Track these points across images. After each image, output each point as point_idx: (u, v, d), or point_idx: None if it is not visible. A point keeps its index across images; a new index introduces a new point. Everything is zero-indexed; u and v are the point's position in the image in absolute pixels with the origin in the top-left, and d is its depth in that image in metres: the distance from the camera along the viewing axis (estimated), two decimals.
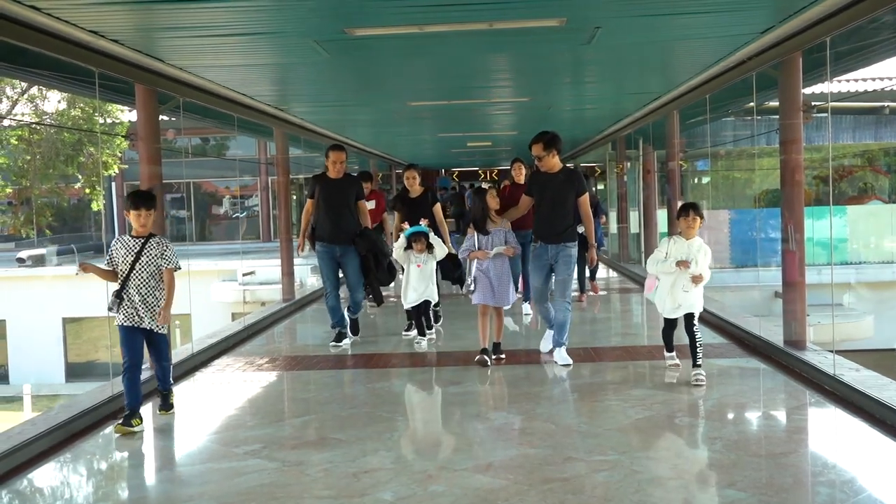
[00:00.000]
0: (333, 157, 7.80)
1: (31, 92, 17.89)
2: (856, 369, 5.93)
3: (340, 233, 7.76)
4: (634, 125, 13.09)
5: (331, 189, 7.80)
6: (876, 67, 13.47)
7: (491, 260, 6.76)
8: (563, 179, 6.70)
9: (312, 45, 6.34)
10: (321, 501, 3.96)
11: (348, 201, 7.81)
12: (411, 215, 8.17)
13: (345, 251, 7.78)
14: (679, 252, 6.08)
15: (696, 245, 6.10)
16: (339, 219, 7.74)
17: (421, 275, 7.81)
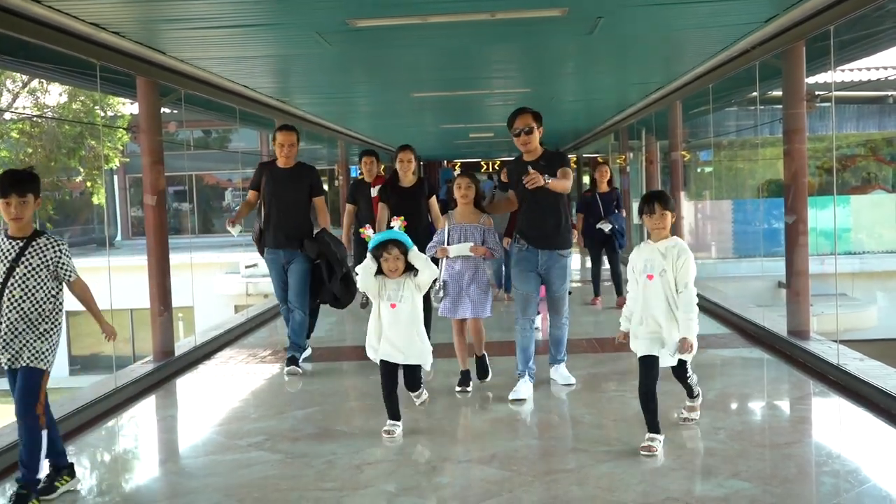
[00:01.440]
0: (281, 138, 6.35)
1: (32, 85, 17.87)
2: (860, 359, 5.92)
3: (289, 235, 6.41)
4: (637, 115, 13.06)
5: (279, 180, 6.41)
6: (880, 56, 13.42)
7: (462, 261, 5.57)
8: (545, 166, 5.40)
9: (315, 37, 6.32)
10: (325, 493, 3.96)
11: (301, 196, 6.44)
12: (402, 210, 6.22)
13: (292, 257, 6.46)
14: (643, 263, 4.41)
15: (669, 250, 4.35)
16: (289, 218, 6.40)
17: (397, 320, 4.70)
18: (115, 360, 6.75)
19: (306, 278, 6.50)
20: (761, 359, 6.68)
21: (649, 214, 4.38)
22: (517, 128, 5.52)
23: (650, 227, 4.41)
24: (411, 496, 3.86)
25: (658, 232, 4.39)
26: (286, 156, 6.39)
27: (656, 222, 4.37)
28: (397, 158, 6.76)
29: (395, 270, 4.65)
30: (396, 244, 4.64)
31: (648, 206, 4.37)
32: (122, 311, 16.17)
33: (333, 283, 6.49)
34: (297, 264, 6.46)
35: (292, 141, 6.39)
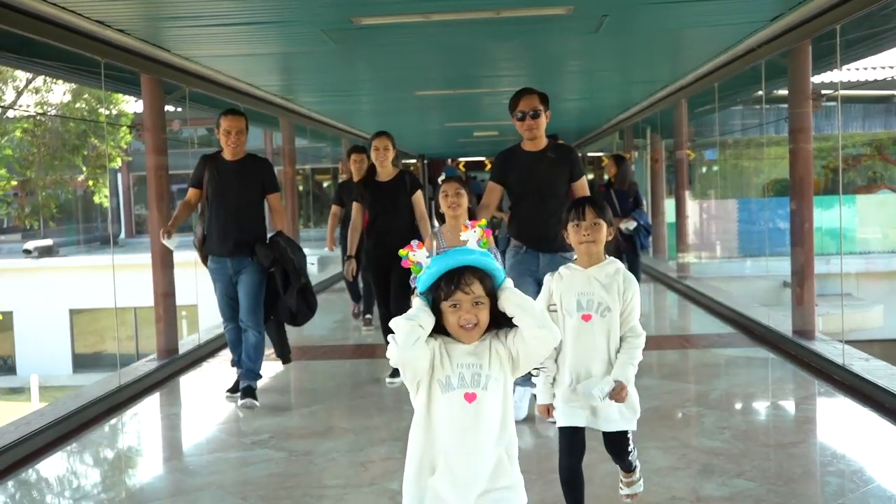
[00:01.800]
0: (227, 124, 5.32)
1: (36, 83, 17.90)
2: (865, 359, 5.90)
3: (238, 241, 5.36)
4: (642, 114, 13.04)
5: (226, 176, 5.38)
6: (886, 55, 13.38)
7: None
8: (554, 159, 4.79)
9: (320, 35, 6.32)
10: (329, 491, 3.96)
11: (252, 194, 5.43)
12: (379, 210, 5.82)
13: (241, 266, 5.39)
14: (574, 298, 3.19)
15: (612, 279, 3.19)
16: (237, 220, 5.37)
17: (476, 426, 2.30)
18: (119, 358, 6.75)
19: (260, 291, 5.45)
20: (766, 358, 6.66)
21: (577, 223, 3.18)
22: (522, 110, 4.72)
23: (577, 242, 3.21)
24: None
25: (588, 249, 3.18)
26: (234, 145, 5.33)
27: (586, 234, 3.17)
28: (372, 147, 5.89)
29: (475, 326, 2.26)
30: (477, 275, 2.27)
31: (576, 212, 3.20)
32: (125, 310, 16.19)
33: (289, 295, 5.44)
34: (247, 275, 5.39)
35: (240, 127, 5.35)
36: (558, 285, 3.22)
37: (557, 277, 3.23)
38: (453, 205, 4.57)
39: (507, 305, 2.24)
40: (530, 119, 4.70)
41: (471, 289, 2.21)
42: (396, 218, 5.78)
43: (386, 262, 5.72)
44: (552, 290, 3.23)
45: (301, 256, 5.51)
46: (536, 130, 4.72)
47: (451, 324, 2.24)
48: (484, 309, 2.24)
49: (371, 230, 5.93)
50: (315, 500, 3.85)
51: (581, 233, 3.17)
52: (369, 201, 5.85)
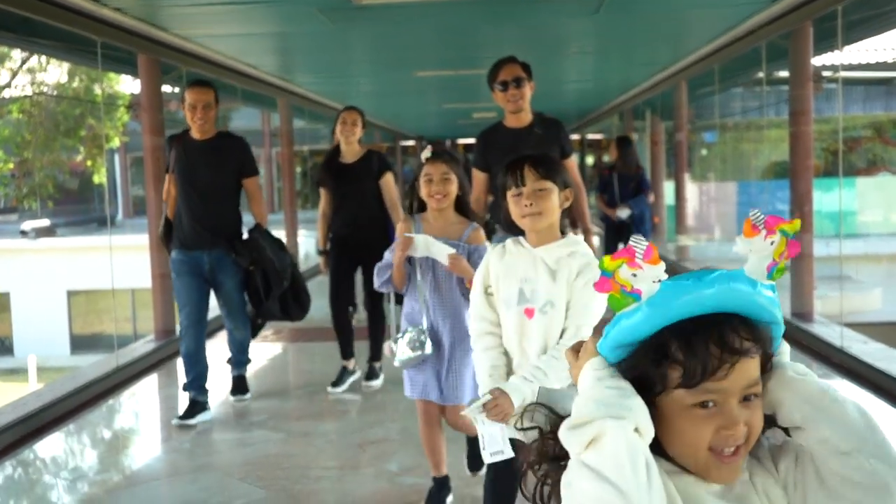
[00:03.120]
0: (192, 97, 4.62)
1: (31, 63, 17.80)
2: (863, 341, 5.90)
3: (214, 232, 4.73)
4: (642, 96, 12.99)
5: (194, 157, 4.72)
6: (888, 36, 13.31)
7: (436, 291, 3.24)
8: (541, 136, 4.24)
9: (316, 14, 6.26)
10: (327, 472, 3.96)
11: (225, 177, 4.76)
12: (342, 195, 5.16)
13: (217, 263, 4.75)
14: (515, 285, 2.46)
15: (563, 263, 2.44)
16: (209, 208, 4.71)
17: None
18: (117, 339, 6.74)
19: (241, 291, 4.91)
20: None
21: (516, 191, 2.40)
22: (503, 79, 4.20)
23: (518, 216, 2.42)
24: (413, 476, 3.86)
25: (534, 223, 2.39)
26: (201, 121, 4.63)
27: (528, 205, 2.37)
28: (339, 120, 5.19)
29: (739, 450, 1.07)
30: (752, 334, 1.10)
31: (513, 176, 2.41)
32: (123, 291, 16.19)
33: (272, 301, 4.87)
34: (226, 277, 4.79)
35: (207, 100, 4.62)
36: (497, 264, 2.47)
37: (499, 252, 2.48)
38: (438, 195, 3.16)
39: (787, 397, 1.13)
40: (513, 88, 4.20)
41: (744, 366, 1.06)
42: (363, 204, 5.13)
43: (352, 253, 5.15)
44: (489, 267, 2.50)
45: (283, 256, 4.86)
46: (521, 101, 4.22)
47: (690, 438, 1.06)
48: (757, 408, 1.09)
49: (336, 217, 5.24)
50: (313, 481, 3.86)
51: (522, 203, 2.37)
52: (332, 185, 5.18)
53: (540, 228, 2.41)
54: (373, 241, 4.90)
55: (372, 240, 4.95)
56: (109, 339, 7.88)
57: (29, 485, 4.08)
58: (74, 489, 3.93)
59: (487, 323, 2.51)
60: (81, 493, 3.85)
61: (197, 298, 4.80)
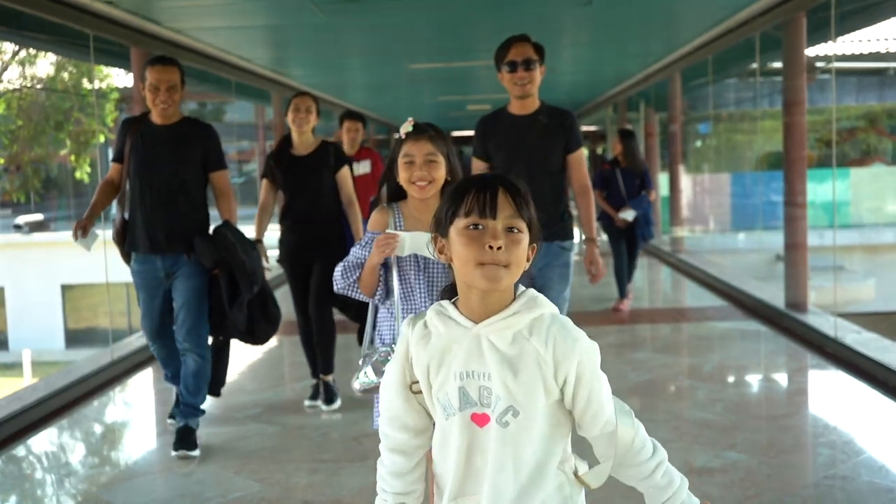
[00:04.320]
0: (154, 76, 3.99)
1: (21, 56, 17.71)
2: (857, 332, 5.92)
3: (169, 233, 4.06)
4: (636, 87, 12.98)
5: (154, 145, 4.07)
6: (881, 27, 13.33)
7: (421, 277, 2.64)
8: (546, 125, 3.87)
9: (308, 6, 6.24)
10: (322, 465, 3.96)
11: (188, 170, 4.10)
12: (293, 191, 4.69)
13: (176, 268, 4.10)
14: (455, 382, 1.59)
15: (515, 346, 1.56)
16: (169, 205, 4.06)
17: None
18: (112, 333, 6.73)
19: (202, 300, 4.15)
20: (758, 331, 6.68)
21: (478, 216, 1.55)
22: (513, 59, 3.82)
23: (470, 259, 1.55)
24: None
25: (497, 276, 1.54)
26: (163, 104, 3.99)
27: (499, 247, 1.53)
28: (291, 107, 4.69)
29: None
30: None
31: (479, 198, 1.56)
32: (117, 285, 16.16)
33: (236, 309, 4.15)
34: (185, 279, 4.09)
35: (172, 80, 4.00)
36: (421, 349, 1.61)
37: (419, 332, 1.62)
38: (422, 181, 2.59)
39: None
40: (522, 70, 3.79)
41: None
42: (318, 201, 4.65)
43: (305, 256, 4.71)
44: (410, 355, 1.63)
45: (255, 256, 4.20)
46: (530, 86, 3.82)
47: None
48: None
49: (286, 216, 4.78)
50: (308, 474, 3.86)
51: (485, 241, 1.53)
52: (282, 179, 4.67)
53: (503, 286, 1.54)
54: (328, 242, 4.56)
55: (327, 241, 4.59)
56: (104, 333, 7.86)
57: (24, 479, 4.07)
58: (70, 483, 3.92)
59: (407, 433, 1.66)
60: (76, 487, 3.85)
61: (155, 308, 4.17)
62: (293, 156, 4.69)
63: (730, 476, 3.63)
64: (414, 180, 2.60)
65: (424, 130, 2.65)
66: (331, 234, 4.66)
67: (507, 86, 3.87)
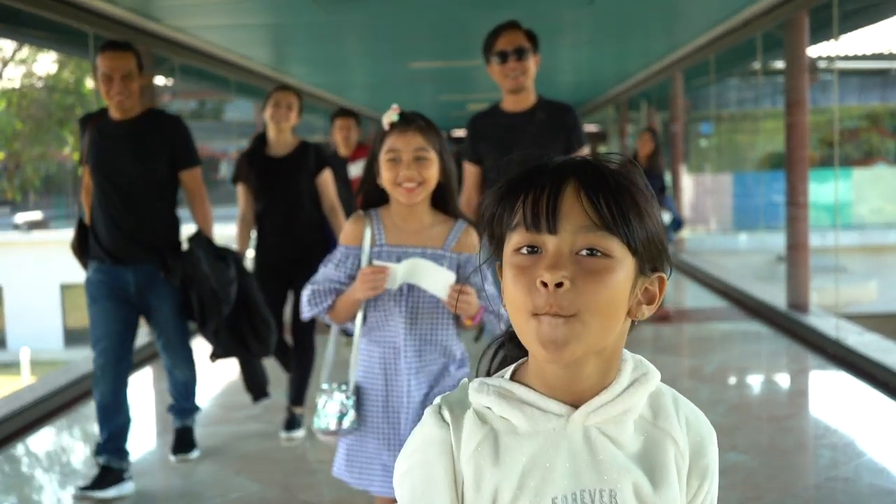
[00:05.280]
0: (106, 65, 3.50)
1: (22, 55, 17.72)
2: (858, 332, 5.90)
3: (133, 241, 3.62)
4: (638, 87, 12.96)
5: (112, 142, 3.63)
6: (884, 26, 13.30)
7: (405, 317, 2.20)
8: (546, 122, 3.40)
9: (309, 4, 6.23)
10: (322, 465, 3.95)
11: (153, 169, 3.64)
12: (269, 195, 4.14)
13: (147, 282, 3.66)
14: None
15: (643, 440, 0.98)
16: (133, 209, 3.61)
17: None
18: None
19: (183, 320, 3.83)
20: (760, 332, 6.66)
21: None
22: (502, 49, 3.37)
23: (523, 307, 0.92)
24: None
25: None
26: (119, 95, 3.50)
27: (563, 281, 0.90)
28: (270, 101, 4.12)
29: None
30: None
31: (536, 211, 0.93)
32: None
33: (209, 334, 3.78)
34: (160, 300, 3.69)
35: (126, 68, 3.50)
36: (487, 464, 0.95)
37: (474, 429, 0.96)
38: (410, 182, 2.13)
39: None
40: (514, 60, 3.34)
41: None
42: (296, 208, 4.14)
43: (285, 270, 4.17)
44: (461, 473, 0.95)
45: (224, 272, 3.66)
46: (523, 78, 3.35)
47: None
48: None
49: (262, 225, 4.23)
50: (308, 474, 3.84)
51: (540, 272, 0.91)
52: (257, 184, 4.12)
53: (569, 356, 0.92)
54: (309, 253, 4.01)
55: (308, 252, 4.05)
56: None
57: (23, 478, 4.06)
58: (68, 483, 3.91)
59: None
60: (75, 486, 3.83)
61: (118, 330, 3.61)
62: (268, 157, 4.15)
63: (731, 477, 3.61)
64: (400, 181, 2.14)
65: (412, 120, 2.19)
66: (313, 246, 4.12)
67: (498, 79, 3.43)
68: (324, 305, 2.22)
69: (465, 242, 2.24)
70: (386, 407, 2.23)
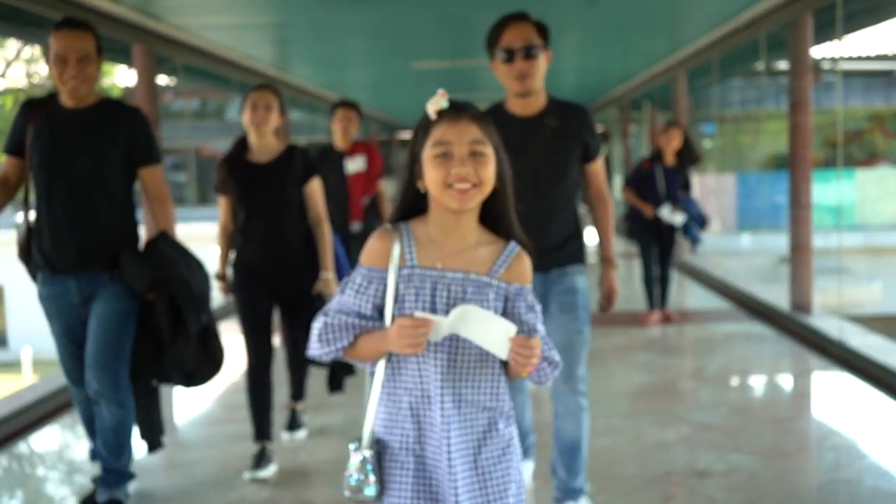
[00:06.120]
0: (60, 45, 3.07)
1: (25, 55, 17.74)
2: (862, 334, 5.88)
3: (82, 247, 3.17)
4: (641, 88, 12.95)
5: (62, 133, 3.17)
6: (888, 27, 13.28)
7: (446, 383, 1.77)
8: (559, 128, 2.96)
9: (312, 3, 6.22)
10: (323, 465, 3.94)
11: (107, 164, 3.18)
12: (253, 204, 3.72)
13: (92, 289, 3.19)
14: None
15: None
16: (81, 211, 3.17)
17: None
18: None
19: (124, 330, 3.19)
20: (763, 334, 6.64)
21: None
22: (509, 46, 2.91)
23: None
24: None
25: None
26: (74, 80, 3.07)
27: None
28: (247, 103, 3.71)
29: None
30: None
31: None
32: None
33: (183, 344, 3.24)
34: (103, 304, 3.16)
35: (84, 49, 3.09)
36: None
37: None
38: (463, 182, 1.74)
39: None
40: (522, 60, 2.88)
41: None
42: (284, 220, 3.72)
43: (270, 285, 3.79)
44: None
45: (202, 276, 3.27)
46: (531, 80, 2.90)
47: None
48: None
49: (243, 238, 3.78)
50: (311, 474, 3.83)
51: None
52: (237, 192, 3.71)
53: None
54: (297, 269, 3.76)
55: (296, 268, 3.76)
56: None
57: (24, 478, 4.05)
58: (70, 482, 3.90)
59: None
60: (77, 486, 3.82)
61: (73, 352, 3.25)
62: (250, 163, 3.73)
63: (733, 479, 3.60)
64: (451, 181, 1.73)
65: (465, 108, 1.80)
66: (299, 258, 3.77)
67: (504, 80, 2.98)
68: (338, 346, 1.82)
69: (517, 270, 1.81)
70: (420, 468, 1.80)
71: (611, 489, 3.46)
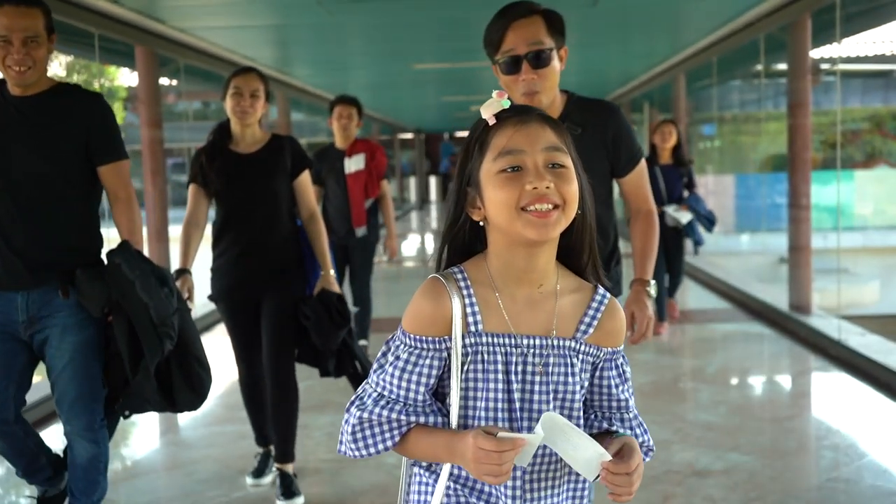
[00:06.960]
0: (3, 23, 2.59)
1: None
2: (861, 334, 5.91)
3: (31, 259, 2.68)
4: (640, 89, 12.98)
5: (5, 127, 2.70)
6: (887, 28, 13.30)
7: None
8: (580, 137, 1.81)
9: (314, 6, 6.25)
10: (325, 464, 3.97)
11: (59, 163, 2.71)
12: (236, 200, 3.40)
13: (45, 310, 2.70)
14: None
15: None
16: (30, 218, 2.68)
17: None
18: None
19: (92, 360, 2.77)
20: (762, 333, 6.67)
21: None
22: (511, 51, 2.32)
23: None
24: None
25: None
26: (19, 65, 2.64)
27: None
28: (230, 90, 3.35)
29: None
30: None
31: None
32: None
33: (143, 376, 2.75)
34: (64, 333, 2.71)
35: (31, 28, 2.65)
36: None
37: None
38: (544, 202, 1.30)
39: None
40: (529, 70, 2.29)
41: None
42: (268, 216, 3.39)
43: (252, 290, 3.45)
44: None
45: (163, 297, 2.74)
46: (541, 97, 2.31)
47: None
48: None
49: (223, 236, 3.45)
50: (311, 474, 3.86)
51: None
52: (218, 185, 3.36)
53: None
54: (284, 270, 3.43)
55: (283, 269, 3.43)
56: None
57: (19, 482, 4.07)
58: None
59: None
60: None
61: (18, 377, 2.77)
62: (233, 153, 3.38)
63: (732, 478, 3.63)
64: (526, 203, 1.31)
65: (531, 109, 1.40)
66: (287, 260, 3.44)
67: (508, 92, 2.36)
68: (380, 448, 1.39)
69: (609, 329, 1.41)
70: None
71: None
